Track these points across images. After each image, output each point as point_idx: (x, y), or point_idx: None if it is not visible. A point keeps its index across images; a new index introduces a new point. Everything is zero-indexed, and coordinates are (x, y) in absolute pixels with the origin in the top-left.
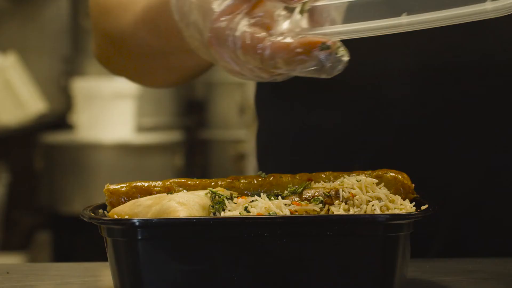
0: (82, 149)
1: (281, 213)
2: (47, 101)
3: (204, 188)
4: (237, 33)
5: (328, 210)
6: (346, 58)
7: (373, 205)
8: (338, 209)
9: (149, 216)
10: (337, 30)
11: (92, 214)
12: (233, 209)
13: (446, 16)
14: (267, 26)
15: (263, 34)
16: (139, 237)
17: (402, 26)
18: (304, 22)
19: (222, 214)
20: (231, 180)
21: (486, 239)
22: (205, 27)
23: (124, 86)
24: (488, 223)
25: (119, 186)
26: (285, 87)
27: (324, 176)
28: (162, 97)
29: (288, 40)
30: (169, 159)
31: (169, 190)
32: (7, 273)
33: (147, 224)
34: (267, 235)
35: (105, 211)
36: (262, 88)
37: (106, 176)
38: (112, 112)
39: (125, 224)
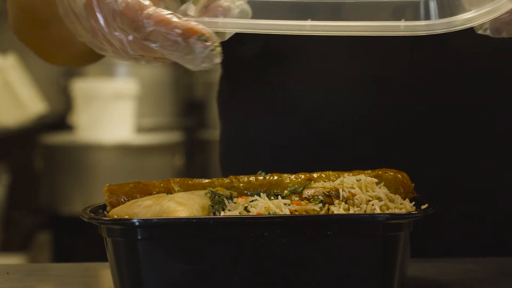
0: (82, 149)
1: (281, 212)
2: (47, 101)
3: (204, 188)
4: None
5: (328, 209)
6: (218, 60)
7: (373, 205)
8: (338, 209)
9: (148, 216)
10: (231, 22)
11: (92, 214)
12: (233, 209)
13: (355, 27)
14: (153, 0)
15: (149, 3)
16: (139, 237)
17: (304, 30)
18: (192, 11)
19: (222, 214)
20: (231, 180)
21: (486, 239)
22: None
23: (124, 86)
24: (488, 222)
25: (119, 186)
26: (244, 90)
27: (324, 175)
28: (162, 97)
29: (173, 17)
30: (169, 160)
31: (169, 190)
32: (7, 273)
33: (147, 224)
34: (267, 235)
35: (105, 211)
36: (223, 92)
37: (106, 177)
38: (112, 112)
39: (125, 224)
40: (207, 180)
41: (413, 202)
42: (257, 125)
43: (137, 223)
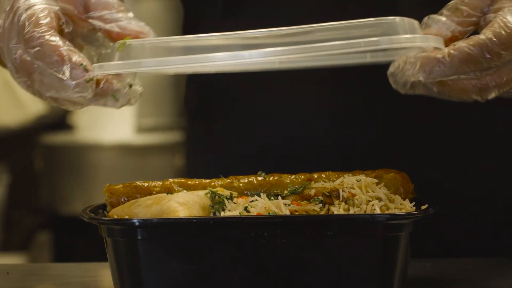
0: (82, 149)
1: (281, 213)
2: None
3: (204, 188)
4: (28, 11)
5: (328, 210)
6: (90, 94)
7: (373, 205)
8: (338, 209)
9: (149, 216)
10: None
11: (92, 214)
12: (233, 209)
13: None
14: (62, 30)
15: (48, 28)
16: (139, 237)
17: (246, 64)
18: (116, 58)
19: (222, 214)
20: (231, 180)
21: (486, 239)
22: None
23: None
24: (488, 222)
25: (119, 186)
26: (210, 102)
27: (324, 176)
28: (162, 97)
29: (63, 44)
30: (169, 160)
31: (169, 190)
32: (7, 273)
33: (147, 224)
34: (267, 235)
35: (105, 211)
36: (190, 99)
37: (106, 177)
38: (112, 112)
39: (125, 224)
40: (207, 180)
41: (413, 203)
42: (254, 126)
43: (137, 223)
